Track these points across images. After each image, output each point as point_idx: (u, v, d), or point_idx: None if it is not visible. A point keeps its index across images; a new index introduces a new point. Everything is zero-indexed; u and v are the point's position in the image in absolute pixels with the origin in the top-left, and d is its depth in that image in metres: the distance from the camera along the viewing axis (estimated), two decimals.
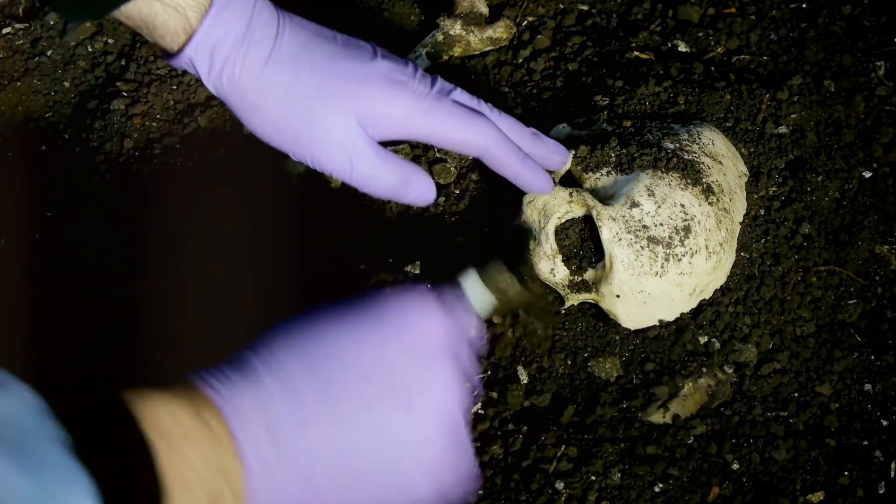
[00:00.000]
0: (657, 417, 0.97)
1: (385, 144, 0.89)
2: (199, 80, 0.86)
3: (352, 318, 0.72)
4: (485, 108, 0.91)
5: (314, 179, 1.16)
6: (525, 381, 1.01)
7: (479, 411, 1.00)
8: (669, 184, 1.00)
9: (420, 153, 1.16)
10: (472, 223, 1.12)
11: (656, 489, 0.94)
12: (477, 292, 0.81)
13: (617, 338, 1.02)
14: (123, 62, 1.29)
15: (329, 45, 0.85)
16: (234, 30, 0.82)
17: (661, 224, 0.98)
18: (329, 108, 0.84)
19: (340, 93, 0.84)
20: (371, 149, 0.86)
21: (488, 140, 0.90)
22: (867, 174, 1.11)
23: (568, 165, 1.02)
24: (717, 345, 1.01)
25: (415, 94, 0.86)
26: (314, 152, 0.85)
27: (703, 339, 1.01)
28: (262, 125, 0.85)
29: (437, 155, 1.16)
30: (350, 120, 0.84)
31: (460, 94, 0.90)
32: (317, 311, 0.73)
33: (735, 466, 0.95)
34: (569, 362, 1.02)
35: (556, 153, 0.97)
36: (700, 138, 1.05)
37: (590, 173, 1.04)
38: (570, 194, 0.99)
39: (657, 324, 1.02)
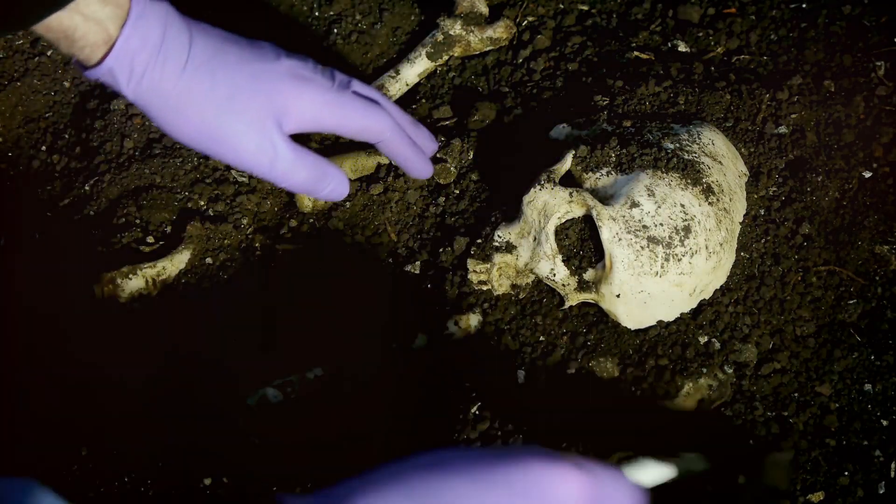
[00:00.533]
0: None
1: (295, 138, 0.92)
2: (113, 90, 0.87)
3: (476, 479, 0.65)
4: (378, 97, 0.94)
5: None
6: None
7: None
8: (669, 184, 1.00)
9: None
10: (472, 223, 1.12)
11: None
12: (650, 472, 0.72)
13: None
14: None
15: (238, 48, 0.88)
16: (152, 39, 0.84)
17: (661, 224, 0.98)
18: (247, 107, 0.87)
19: (255, 92, 0.87)
20: (286, 145, 0.89)
21: (385, 127, 0.93)
22: (867, 174, 1.11)
23: (444, 161, 1.06)
24: (717, 345, 1.01)
25: (320, 88, 0.90)
26: (237, 151, 0.88)
27: (703, 339, 1.01)
28: (185, 128, 0.87)
29: (438, 155, 1.16)
30: (266, 117, 0.87)
31: (358, 86, 0.93)
32: (437, 458, 0.67)
33: None
34: None
35: (430, 140, 1.01)
36: (700, 138, 1.05)
37: (590, 173, 1.04)
38: (570, 194, 0.99)
39: (657, 324, 1.02)
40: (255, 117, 0.87)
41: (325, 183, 0.92)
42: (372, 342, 1.07)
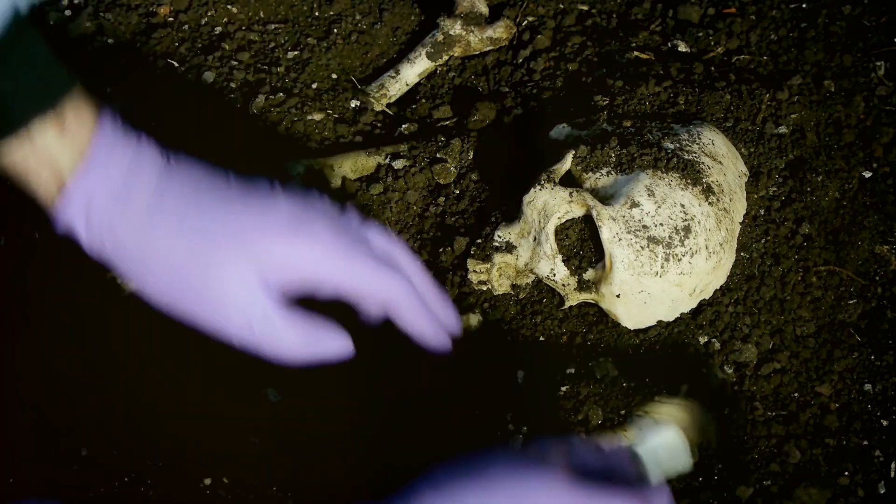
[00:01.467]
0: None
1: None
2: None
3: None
4: (398, 250, 0.81)
5: (314, 180, 1.16)
6: None
7: None
8: (669, 184, 1.00)
9: (420, 151, 1.17)
10: (472, 223, 1.12)
11: None
12: (674, 458, 0.71)
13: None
14: (124, 62, 1.29)
15: (222, 189, 0.76)
16: (112, 178, 0.74)
17: (661, 224, 0.98)
18: (219, 257, 0.74)
19: (231, 239, 0.74)
20: (272, 307, 0.74)
21: (397, 296, 0.78)
22: (867, 174, 1.11)
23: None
24: (717, 345, 1.01)
25: (319, 238, 0.76)
26: (208, 313, 0.75)
27: (703, 339, 1.01)
28: (149, 280, 0.75)
29: (438, 155, 1.16)
30: (248, 275, 0.74)
31: (373, 235, 0.80)
32: (482, 469, 0.66)
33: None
34: None
35: (450, 314, 0.84)
36: (700, 138, 1.05)
37: (590, 173, 1.04)
38: (570, 194, 1.00)
39: (657, 324, 1.02)
40: (232, 277, 0.73)
41: (318, 349, 0.77)
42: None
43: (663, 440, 0.71)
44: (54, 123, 0.73)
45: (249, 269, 0.74)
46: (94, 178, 0.74)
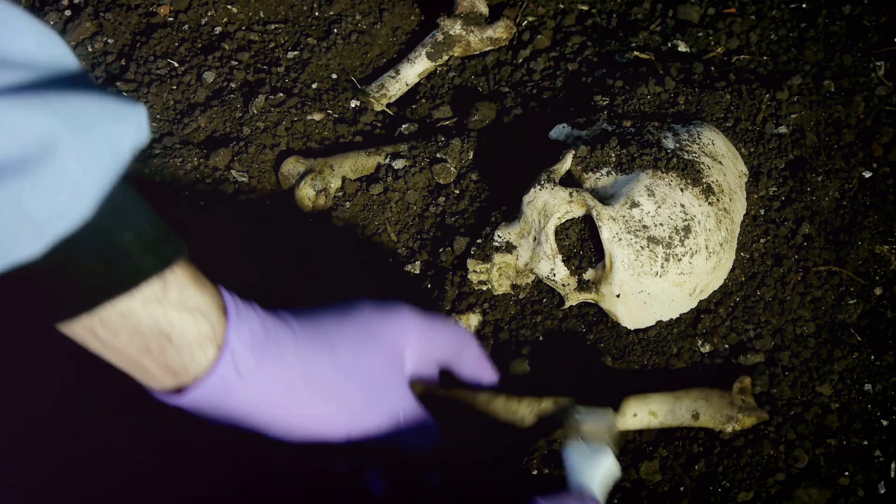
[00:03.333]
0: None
1: None
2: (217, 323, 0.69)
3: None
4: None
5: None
6: None
7: None
8: (669, 184, 1.00)
9: (420, 151, 1.17)
10: (472, 223, 1.12)
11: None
12: (603, 468, 0.75)
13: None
14: (123, 62, 1.29)
15: (338, 316, 0.77)
16: (257, 327, 0.70)
17: (661, 224, 0.98)
18: (373, 361, 0.77)
19: (380, 342, 0.77)
20: (412, 401, 0.80)
21: (468, 346, 0.86)
22: (867, 174, 1.11)
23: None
24: (717, 346, 1.01)
25: (413, 314, 0.80)
26: (366, 418, 0.76)
27: (702, 340, 1.01)
28: (319, 418, 0.74)
29: (438, 155, 1.16)
30: (397, 368, 0.78)
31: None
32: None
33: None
34: None
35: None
36: (700, 138, 1.05)
37: (590, 173, 1.04)
38: (570, 194, 0.99)
39: (657, 324, 1.02)
40: (388, 383, 0.76)
41: (428, 440, 0.81)
42: None
43: (603, 468, 0.75)
44: (188, 273, 0.66)
45: (397, 365, 0.78)
46: (245, 326, 0.69)
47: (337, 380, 0.73)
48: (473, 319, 1.04)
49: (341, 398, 0.74)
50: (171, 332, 0.65)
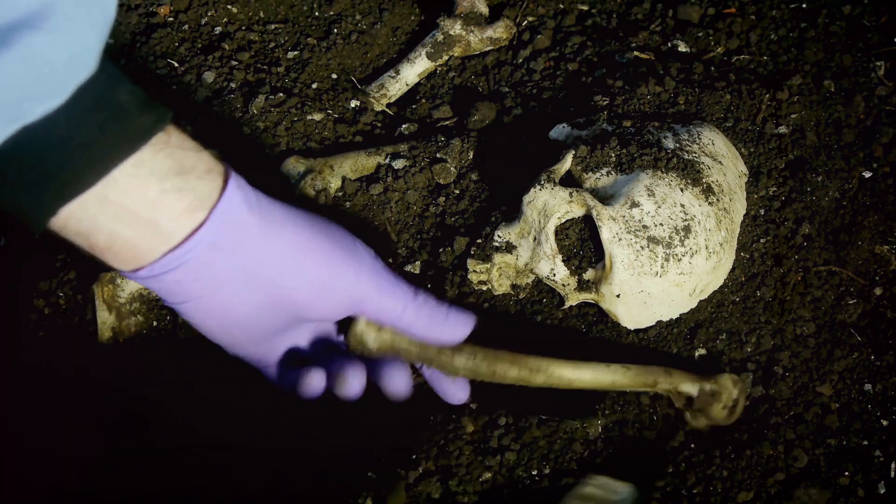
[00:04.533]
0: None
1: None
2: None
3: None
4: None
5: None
6: None
7: None
8: (669, 184, 1.00)
9: (420, 151, 1.17)
10: (472, 223, 1.12)
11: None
12: None
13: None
14: (123, 62, 1.29)
15: (332, 233, 0.81)
16: (249, 201, 0.75)
17: (661, 224, 0.98)
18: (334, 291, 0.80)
19: (345, 279, 0.80)
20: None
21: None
22: (867, 174, 1.11)
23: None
24: (717, 346, 1.01)
25: (392, 286, 0.83)
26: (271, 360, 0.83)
27: (702, 340, 1.02)
28: (228, 337, 0.79)
29: (438, 155, 1.16)
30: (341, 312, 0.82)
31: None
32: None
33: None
34: None
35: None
36: (700, 138, 1.05)
37: (590, 173, 1.04)
38: (570, 194, 0.99)
39: (657, 324, 1.02)
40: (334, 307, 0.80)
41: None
42: None
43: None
44: (154, 179, 0.69)
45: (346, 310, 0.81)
46: (236, 201, 0.73)
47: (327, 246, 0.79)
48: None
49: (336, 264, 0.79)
50: (181, 170, 0.70)
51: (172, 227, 0.70)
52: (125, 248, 0.70)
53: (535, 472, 0.95)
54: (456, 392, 0.89)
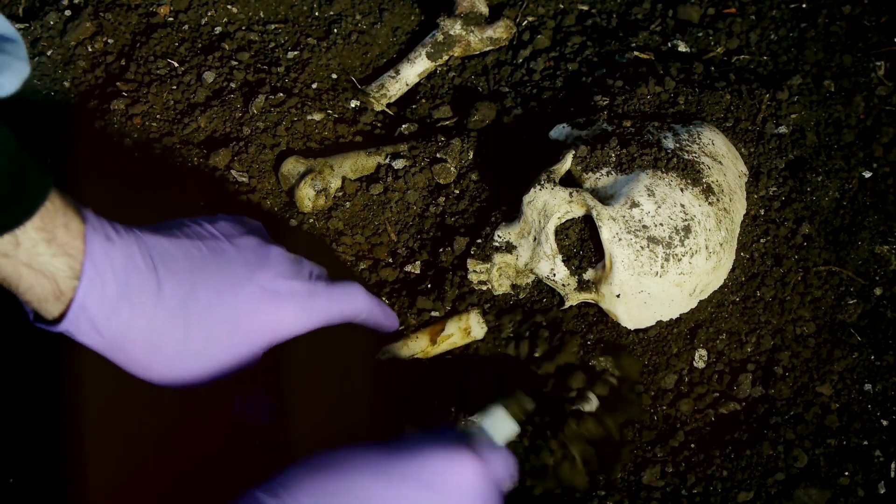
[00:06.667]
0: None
1: None
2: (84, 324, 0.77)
3: (386, 473, 0.69)
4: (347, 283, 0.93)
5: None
6: None
7: None
8: (669, 184, 1.00)
9: (420, 151, 1.17)
10: (472, 223, 1.12)
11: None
12: (504, 427, 0.83)
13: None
14: (123, 62, 1.29)
15: (207, 278, 0.81)
16: (109, 293, 0.75)
17: (661, 224, 0.98)
18: (225, 353, 0.82)
19: (233, 335, 0.82)
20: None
21: (363, 305, 0.92)
22: (867, 174, 1.11)
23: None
24: (717, 346, 1.01)
25: (296, 298, 0.85)
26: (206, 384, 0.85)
27: (702, 340, 1.01)
28: (153, 375, 0.82)
29: (438, 155, 1.16)
30: (244, 355, 0.83)
31: (306, 263, 0.90)
32: (344, 454, 0.71)
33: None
34: None
35: (392, 316, 1.01)
36: (700, 138, 1.05)
37: (590, 173, 1.04)
38: (570, 194, 0.99)
39: (657, 324, 1.02)
40: (232, 359, 0.83)
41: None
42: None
43: (494, 416, 0.83)
44: (41, 232, 0.72)
45: (248, 352, 0.83)
46: (94, 294, 0.75)
47: (176, 353, 0.80)
48: (474, 320, 1.04)
49: (175, 369, 0.80)
50: (19, 285, 0.73)
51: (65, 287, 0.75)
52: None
53: None
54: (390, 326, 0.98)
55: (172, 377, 0.82)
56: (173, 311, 0.79)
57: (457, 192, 1.15)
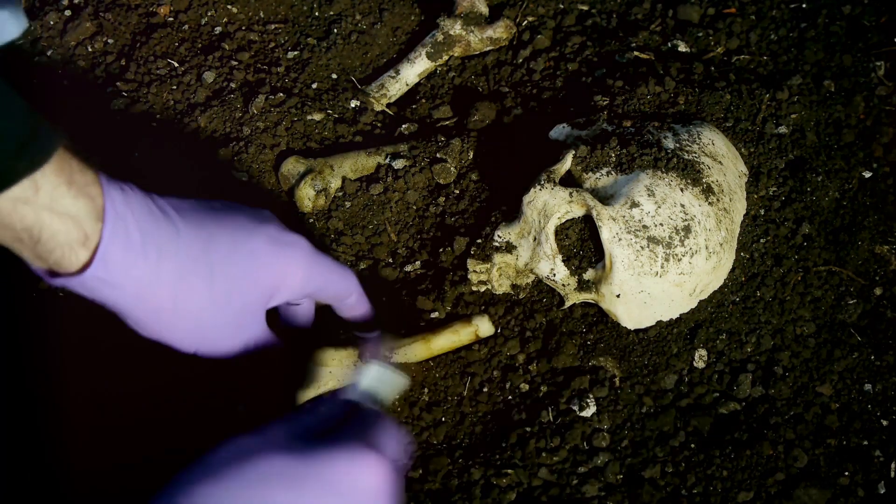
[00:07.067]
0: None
1: None
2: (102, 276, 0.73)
3: (286, 478, 0.66)
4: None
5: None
6: None
7: None
8: (669, 184, 1.00)
9: (420, 151, 1.17)
10: (472, 223, 1.12)
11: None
12: (390, 382, 0.82)
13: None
14: (123, 62, 1.29)
15: (222, 226, 0.79)
16: (135, 236, 0.73)
17: (661, 224, 0.98)
18: (246, 303, 0.80)
19: (253, 284, 0.80)
20: (265, 333, 0.84)
21: (355, 287, 0.90)
22: (867, 174, 1.11)
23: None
24: (717, 346, 1.01)
25: (304, 253, 0.84)
26: (227, 346, 0.82)
27: (702, 340, 1.02)
28: (177, 331, 0.78)
29: (438, 155, 1.16)
30: (261, 310, 0.82)
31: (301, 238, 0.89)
32: (241, 455, 0.67)
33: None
34: None
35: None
36: (700, 138, 1.05)
37: (590, 173, 1.04)
38: (570, 194, 0.99)
39: (657, 324, 1.02)
40: (252, 313, 0.81)
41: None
42: None
43: (372, 372, 0.81)
44: (60, 175, 0.69)
45: (262, 306, 0.81)
46: (120, 237, 0.72)
47: (202, 302, 0.77)
48: (484, 326, 1.03)
49: (201, 321, 0.77)
50: (41, 233, 0.69)
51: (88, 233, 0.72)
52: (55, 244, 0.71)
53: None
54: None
55: (197, 333, 0.79)
56: (197, 254, 0.76)
57: (457, 192, 1.15)
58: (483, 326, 1.03)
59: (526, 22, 1.29)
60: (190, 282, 0.76)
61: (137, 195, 0.75)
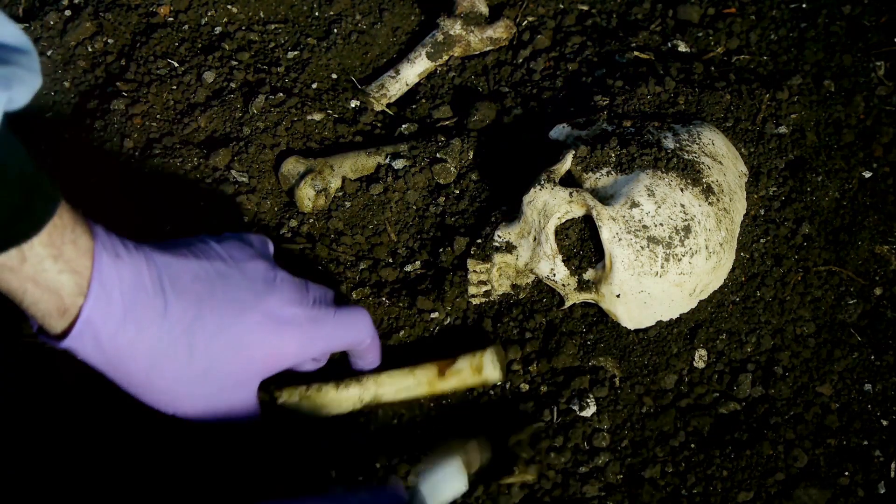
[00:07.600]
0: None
1: None
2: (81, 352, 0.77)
3: None
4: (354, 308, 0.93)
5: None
6: None
7: None
8: (669, 184, 1.00)
9: (420, 151, 1.17)
10: (472, 223, 1.12)
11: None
12: (450, 486, 0.81)
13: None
14: (123, 62, 1.29)
15: (214, 303, 0.80)
16: (115, 313, 0.75)
17: (661, 224, 0.98)
18: (225, 380, 0.82)
19: (234, 362, 0.82)
20: (253, 405, 0.86)
21: (368, 332, 0.92)
22: (867, 174, 1.11)
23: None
24: (717, 346, 1.01)
25: (300, 328, 0.85)
26: (202, 413, 0.84)
27: (702, 340, 1.01)
28: (152, 399, 0.81)
29: (438, 155, 1.16)
30: (245, 382, 0.84)
31: (325, 293, 0.90)
32: None
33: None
34: None
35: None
36: (700, 138, 1.05)
37: (590, 173, 1.04)
38: (570, 194, 0.99)
39: (657, 324, 1.02)
40: (240, 384, 0.83)
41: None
42: None
43: (443, 472, 0.80)
44: (48, 248, 0.71)
45: (247, 379, 0.83)
46: (99, 312, 0.74)
47: (177, 375, 0.79)
48: (488, 358, 0.99)
49: (175, 392, 0.80)
50: (23, 299, 0.72)
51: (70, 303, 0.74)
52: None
53: None
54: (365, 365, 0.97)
55: (171, 401, 0.81)
56: (178, 335, 0.78)
57: (457, 192, 1.15)
58: (493, 375, 0.98)
59: (526, 22, 1.29)
60: (165, 359, 0.78)
61: (132, 263, 0.76)
